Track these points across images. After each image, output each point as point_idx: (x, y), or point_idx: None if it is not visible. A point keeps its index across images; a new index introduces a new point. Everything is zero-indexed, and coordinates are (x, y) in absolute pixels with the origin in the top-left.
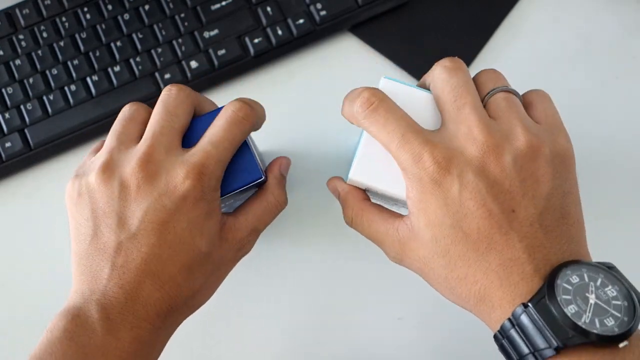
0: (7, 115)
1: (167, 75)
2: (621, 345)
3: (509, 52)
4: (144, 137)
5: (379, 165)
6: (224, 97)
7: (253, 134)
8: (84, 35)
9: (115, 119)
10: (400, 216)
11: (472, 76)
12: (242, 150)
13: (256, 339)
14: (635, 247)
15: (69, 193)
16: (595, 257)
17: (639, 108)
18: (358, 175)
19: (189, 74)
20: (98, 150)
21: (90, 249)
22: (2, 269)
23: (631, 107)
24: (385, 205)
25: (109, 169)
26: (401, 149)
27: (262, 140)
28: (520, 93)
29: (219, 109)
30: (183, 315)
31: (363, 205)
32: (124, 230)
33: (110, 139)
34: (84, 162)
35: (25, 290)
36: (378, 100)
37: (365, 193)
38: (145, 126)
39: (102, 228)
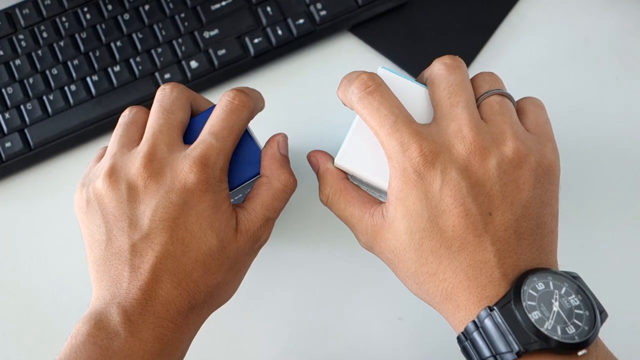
0: (7, 115)
1: (167, 75)
2: (580, 353)
3: (508, 52)
4: (144, 137)
5: (365, 153)
6: None
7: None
8: (84, 35)
9: (115, 119)
10: (378, 202)
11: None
12: (246, 143)
13: (255, 338)
14: (637, 246)
15: (78, 203)
16: (604, 253)
17: (639, 108)
18: (343, 160)
19: (189, 74)
20: (100, 157)
21: (106, 254)
22: (2, 269)
23: (631, 107)
24: None
25: (114, 173)
26: (390, 136)
27: (263, 141)
28: (519, 95)
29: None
30: (205, 312)
31: (342, 185)
32: (137, 231)
33: (112, 144)
34: (89, 171)
35: (25, 290)
36: (375, 84)
37: (345, 173)
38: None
39: (114, 232)
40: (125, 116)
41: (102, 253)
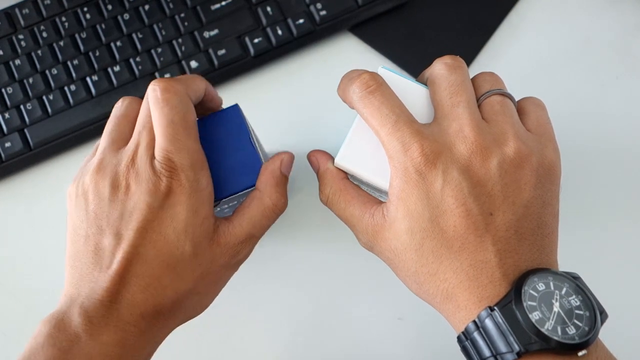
0: (7, 115)
1: (167, 75)
2: (580, 353)
3: (508, 52)
4: (133, 134)
5: (366, 153)
6: (224, 97)
7: (257, 133)
8: (84, 35)
9: None
10: (378, 202)
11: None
12: (247, 153)
13: (255, 338)
14: (638, 246)
15: (69, 195)
16: (603, 253)
17: (639, 108)
18: (344, 160)
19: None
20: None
21: (82, 250)
22: (2, 269)
23: (631, 107)
24: None
25: (101, 170)
26: (392, 135)
27: (263, 141)
28: (519, 94)
29: (222, 110)
30: (172, 321)
31: (342, 185)
32: (112, 231)
33: (103, 139)
34: (84, 164)
35: (25, 290)
36: (376, 84)
37: (345, 173)
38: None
39: (93, 230)
40: (117, 108)
41: (79, 248)
